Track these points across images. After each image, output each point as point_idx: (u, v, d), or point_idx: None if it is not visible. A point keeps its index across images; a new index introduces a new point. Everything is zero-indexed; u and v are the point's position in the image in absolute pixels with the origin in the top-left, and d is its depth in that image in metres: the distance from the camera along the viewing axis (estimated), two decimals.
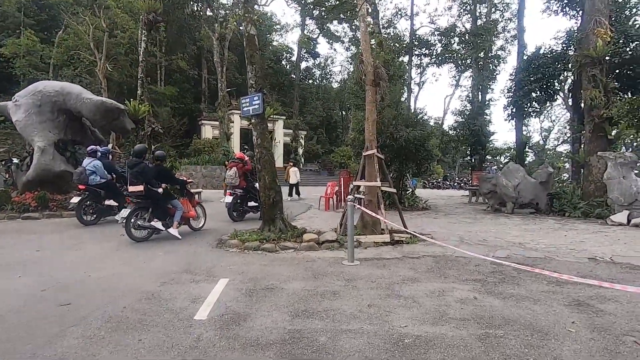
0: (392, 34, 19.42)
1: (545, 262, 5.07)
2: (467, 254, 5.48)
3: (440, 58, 20.79)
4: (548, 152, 46.00)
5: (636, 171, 9.44)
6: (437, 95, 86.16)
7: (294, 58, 39.12)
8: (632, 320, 3.05)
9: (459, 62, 22.93)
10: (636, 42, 12.31)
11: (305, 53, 38.09)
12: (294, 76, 35.61)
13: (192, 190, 8.31)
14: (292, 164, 16.84)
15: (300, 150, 34.52)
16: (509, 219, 10.19)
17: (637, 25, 12.81)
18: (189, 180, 8.36)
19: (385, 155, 12.81)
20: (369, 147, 7.32)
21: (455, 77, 38.25)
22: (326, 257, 5.61)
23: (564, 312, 3.25)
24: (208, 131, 30.28)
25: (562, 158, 39.42)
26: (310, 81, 46.30)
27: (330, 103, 45.68)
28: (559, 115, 44.66)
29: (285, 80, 40.06)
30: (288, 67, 41.48)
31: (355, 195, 6.86)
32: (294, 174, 15.72)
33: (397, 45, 18.47)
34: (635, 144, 19.01)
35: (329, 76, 48.94)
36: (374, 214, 6.25)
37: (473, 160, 24.58)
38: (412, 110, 20.27)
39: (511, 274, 4.47)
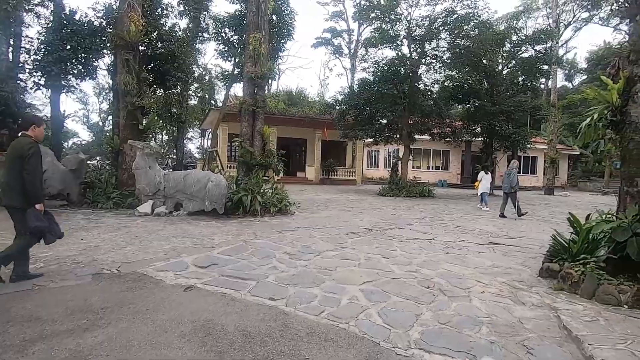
0: None
1: None
2: None
3: None
4: (107, 134, 45.12)
5: (160, 162, 10.19)
6: None
7: None
8: None
9: None
10: (166, 42, 13.47)
11: None
12: None
13: None
14: None
15: None
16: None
17: (167, 27, 14.12)
18: None
19: None
20: None
21: None
22: None
23: None
24: None
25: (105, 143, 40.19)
26: None
27: None
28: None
29: None
30: None
31: None
32: None
33: None
34: (165, 139, 21.85)
35: None
36: None
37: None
38: None
39: None
